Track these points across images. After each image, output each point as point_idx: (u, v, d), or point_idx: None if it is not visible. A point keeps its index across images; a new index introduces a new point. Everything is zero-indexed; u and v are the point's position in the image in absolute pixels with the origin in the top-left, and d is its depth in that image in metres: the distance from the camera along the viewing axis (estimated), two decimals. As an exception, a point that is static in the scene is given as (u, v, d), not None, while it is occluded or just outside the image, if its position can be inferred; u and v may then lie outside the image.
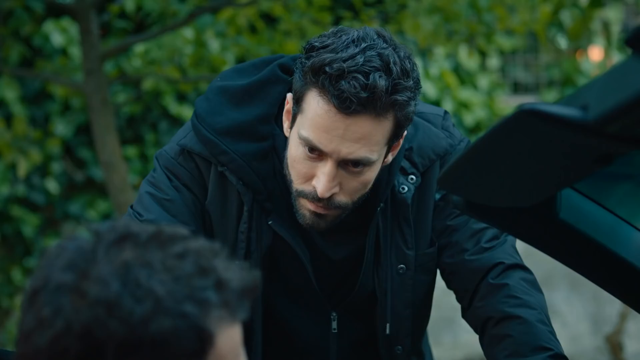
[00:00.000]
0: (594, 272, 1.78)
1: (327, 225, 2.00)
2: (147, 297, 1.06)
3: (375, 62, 1.83)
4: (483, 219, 1.76)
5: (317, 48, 1.88)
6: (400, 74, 1.86)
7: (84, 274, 1.08)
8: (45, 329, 1.06)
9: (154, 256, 1.09)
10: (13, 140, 5.18)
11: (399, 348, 2.18)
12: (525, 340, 1.98)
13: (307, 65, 1.88)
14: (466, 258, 2.11)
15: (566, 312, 6.55)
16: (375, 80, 1.82)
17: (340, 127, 1.86)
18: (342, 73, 1.83)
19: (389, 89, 1.84)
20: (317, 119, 1.88)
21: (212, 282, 1.10)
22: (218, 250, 1.15)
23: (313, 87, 1.88)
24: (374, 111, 1.85)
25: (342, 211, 1.98)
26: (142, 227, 1.13)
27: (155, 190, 2.07)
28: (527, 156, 1.38)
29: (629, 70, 1.10)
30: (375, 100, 1.83)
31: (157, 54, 5.52)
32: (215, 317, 1.09)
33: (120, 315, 1.05)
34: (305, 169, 1.94)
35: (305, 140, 1.91)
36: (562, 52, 9.14)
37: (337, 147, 1.88)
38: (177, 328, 1.06)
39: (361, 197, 1.99)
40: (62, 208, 6.92)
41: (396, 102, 1.86)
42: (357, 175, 1.94)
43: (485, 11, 4.75)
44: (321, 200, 1.94)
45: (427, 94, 8.02)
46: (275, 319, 2.18)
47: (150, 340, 1.05)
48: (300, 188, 1.97)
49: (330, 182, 1.91)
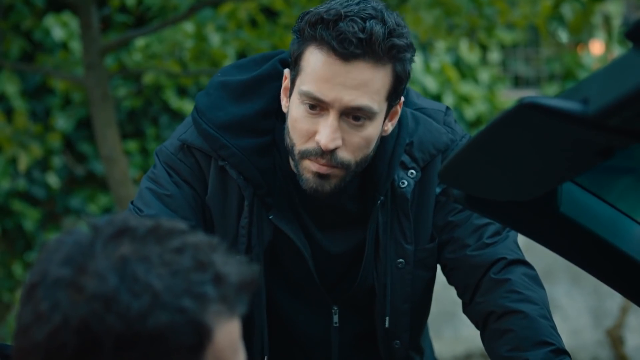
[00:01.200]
0: (594, 266, 1.78)
1: (331, 188, 1.99)
2: (145, 292, 1.06)
3: (371, 11, 1.88)
4: (483, 213, 1.76)
5: (312, 11, 1.92)
6: (396, 24, 1.90)
7: (82, 268, 1.08)
8: (43, 323, 1.06)
9: (152, 250, 1.09)
10: (14, 134, 5.18)
11: (397, 342, 2.18)
12: (527, 334, 1.99)
13: (302, 23, 1.92)
14: (468, 253, 2.11)
15: (567, 306, 6.55)
16: (372, 25, 1.86)
17: (341, 73, 1.88)
18: (340, 17, 1.87)
19: (386, 33, 1.87)
20: (317, 70, 1.90)
21: (210, 277, 1.10)
22: (216, 244, 1.15)
23: (311, 41, 1.91)
24: (373, 55, 1.88)
25: (346, 172, 1.97)
26: (140, 221, 1.13)
27: (155, 186, 2.07)
28: (528, 150, 1.37)
29: (629, 64, 1.10)
30: (373, 43, 1.86)
31: (157, 48, 5.51)
32: (213, 312, 1.09)
33: (118, 310, 1.04)
34: (307, 126, 1.94)
35: (306, 94, 1.92)
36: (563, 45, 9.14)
37: (338, 95, 1.89)
38: (175, 323, 1.06)
39: (364, 159, 1.98)
40: (63, 202, 6.92)
41: (394, 46, 1.89)
42: (359, 129, 1.94)
43: (486, 5, 4.75)
44: (324, 155, 1.94)
45: (428, 88, 8.02)
46: (277, 313, 2.18)
47: (147, 335, 1.05)
48: (303, 148, 1.96)
49: (333, 132, 1.92)
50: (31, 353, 1.08)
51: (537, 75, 9.23)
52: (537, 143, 1.33)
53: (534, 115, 1.20)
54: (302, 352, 2.24)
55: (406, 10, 4.76)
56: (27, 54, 6.58)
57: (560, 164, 1.40)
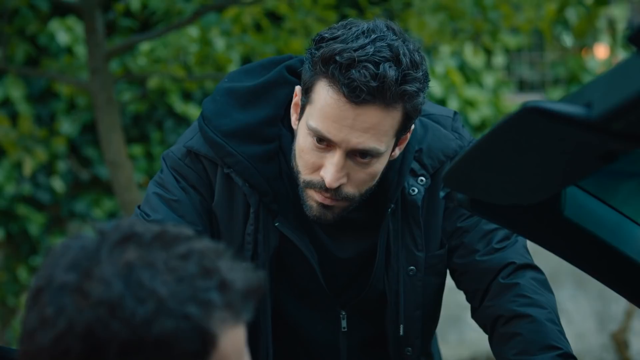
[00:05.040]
0: (599, 270, 1.77)
1: (334, 217, 2.00)
2: (150, 298, 1.06)
3: (385, 53, 1.84)
4: (487, 217, 1.76)
5: (327, 39, 1.89)
6: (410, 65, 1.86)
7: (87, 274, 1.08)
8: (48, 328, 1.07)
9: (157, 257, 1.09)
10: (19, 138, 5.19)
11: (409, 349, 2.17)
12: (535, 338, 1.99)
13: (316, 55, 1.89)
14: (477, 259, 2.11)
15: (572, 310, 6.54)
16: (385, 70, 1.83)
17: (350, 116, 1.87)
18: (353, 62, 1.83)
19: (398, 79, 1.84)
20: (326, 108, 1.88)
21: (215, 283, 1.10)
22: (222, 250, 1.14)
23: (323, 77, 1.88)
24: (384, 101, 1.85)
25: (350, 203, 1.98)
26: (147, 226, 1.13)
27: (162, 191, 2.07)
28: (532, 154, 1.37)
29: (632, 68, 1.10)
30: (384, 90, 1.84)
31: (162, 53, 5.52)
32: (218, 319, 1.09)
33: (123, 316, 1.05)
34: (313, 159, 1.94)
35: (314, 131, 1.91)
36: (568, 50, 9.12)
37: (346, 137, 1.88)
38: (180, 329, 1.06)
39: (368, 190, 1.99)
40: (68, 207, 6.92)
41: (405, 93, 1.86)
42: (365, 166, 1.94)
43: (490, 9, 4.75)
44: (329, 190, 1.94)
45: (432, 92, 8.01)
46: (285, 319, 2.18)
47: (152, 341, 1.05)
48: (308, 178, 1.96)
49: (338, 172, 1.91)
50: (36, 357, 1.08)
51: (541, 79, 9.22)
52: (540, 147, 1.33)
53: (537, 119, 1.20)
54: (310, 357, 2.23)
55: (411, 14, 4.77)
56: (32, 59, 6.59)
57: (563, 168, 1.40)
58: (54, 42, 6.70)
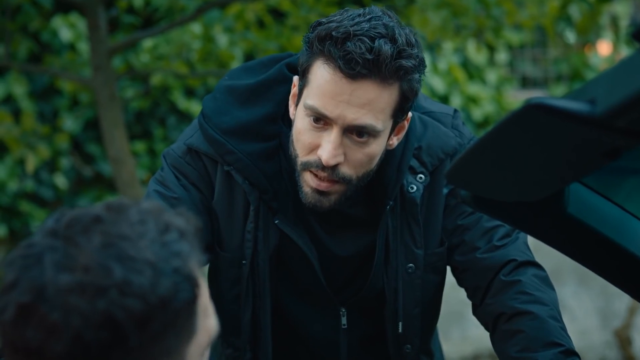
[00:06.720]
0: (602, 266, 1.77)
1: (330, 205, 1.99)
2: (144, 266, 1.10)
3: (381, 30, 1.86)
4: (490, 214, 1.76)
5: (324, 23, 1.91)
6: (406, 43, 1.87)
7: (76, 268, 1.09)
8: (60, 333, 1.07)
9: (122, 228, 1.12)
10: (21, 135, 5.19)
11: (408, 347, 2.18)
12: (537, 335, 1.99)
13: (312, 36, 1.90)
14: (478, 256, 2.11)
15: (575, 307, 6.54)
16: (381, 45, 1.84)
17: (346, 91, 1.87)
18: (348, 36, 1.85)
19: (394, 54, 1.85)
20: (323, 85, 1.89)
21: (177, 235, 1.15)
22: (159, 205, 1.20)
23: (319, 56, 1.90)
24: (379, 75, 1.86)
25: (346, 187, 1.97)
26: (87, 209, 1.16)
27: (163, 189, 2.08)
28: (535, 150, 1.37)
29: (636, 64, 1.10)
30: (380, 64, 1.84)
31: (165, 49, 5.52)
32: (194, 263, 1.15)
33: (131, 291, 1.08)
34: (310, 139, 1.94)
35: (311, 109, 1.91)
36: (571, 46, 9.13)
37: (342, 113, 1.88)
38: (175, 283, 1.11)
39: (365, 175, 1.98)
40: (71, 203, 6.93)
41: (401, 68, 1.87)
42: (362, 146, 1.93)
43: (493, 6, 4.74)
44: (325, 169, 1.93)
45: (435, 89, 8.01)
46: (285, 316, 2.18)
47: (160, 304, 1.09)
48: (305, 159, 1.96)
49: (335, 149, 1.91)
50: None
51: (544, 75, 9.23)
52: (544, 144, 1.32)
53: (541, 116, 1.20)
54: (310, 354, 2.24)
55: (413, 11, 4.76)
56: (35, 55, 6.59)
57: (567, 164, 1.40)
58: (57, 39, 6.70)
